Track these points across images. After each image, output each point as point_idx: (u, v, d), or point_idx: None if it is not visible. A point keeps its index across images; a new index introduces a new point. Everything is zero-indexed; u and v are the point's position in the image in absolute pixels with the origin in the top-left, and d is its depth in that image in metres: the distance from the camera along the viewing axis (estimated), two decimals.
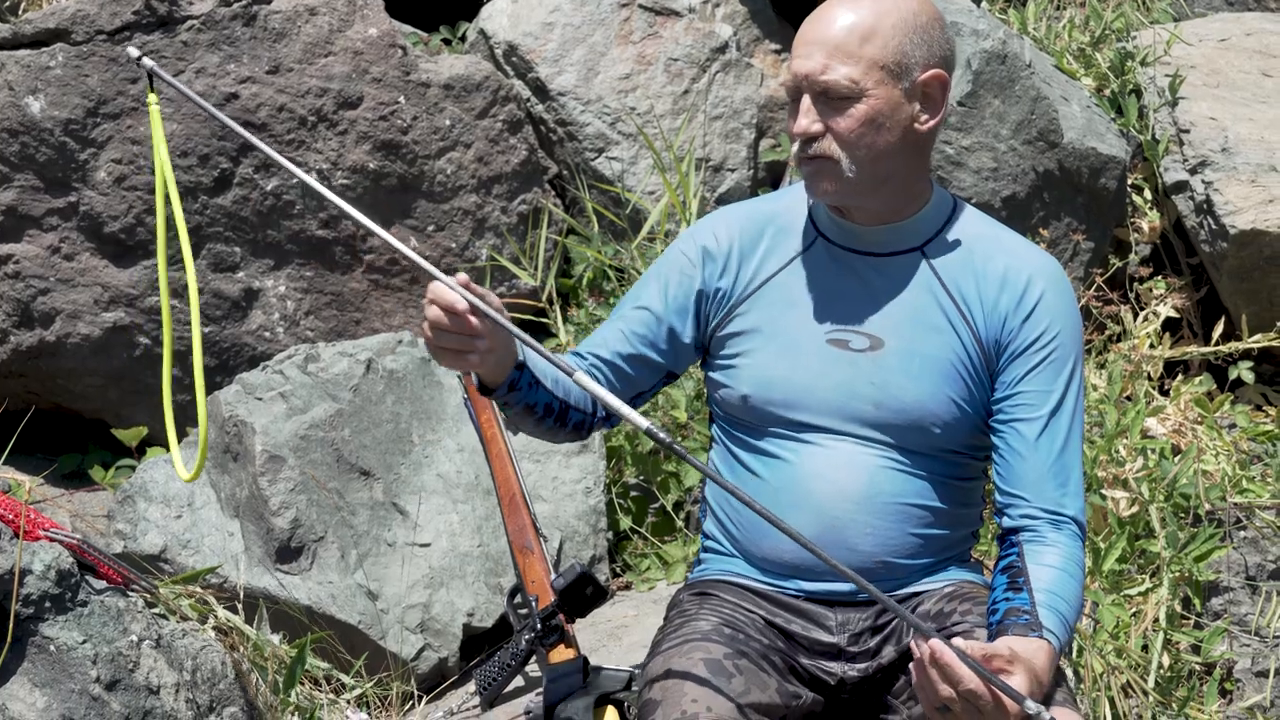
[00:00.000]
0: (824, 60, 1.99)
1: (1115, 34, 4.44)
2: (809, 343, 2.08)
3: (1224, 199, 3.88)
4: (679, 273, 2.14)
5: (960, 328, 2.06)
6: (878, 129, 2.01)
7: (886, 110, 2.01)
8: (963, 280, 2.07)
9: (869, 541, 2.08)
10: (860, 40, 1.99)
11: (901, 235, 2.09)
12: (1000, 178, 3.91)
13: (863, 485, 2.07)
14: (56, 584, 2.27)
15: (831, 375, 2.08)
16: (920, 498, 2.09)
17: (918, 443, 2.08)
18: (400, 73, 3.79)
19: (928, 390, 2.06)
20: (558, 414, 2.09)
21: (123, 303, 3.56)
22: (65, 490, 3.50)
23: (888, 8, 2.01)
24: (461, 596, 2.99)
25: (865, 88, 1.99)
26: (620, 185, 4.10)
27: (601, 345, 2.15)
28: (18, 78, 3.48)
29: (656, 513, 3.37)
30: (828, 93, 2.00)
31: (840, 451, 2.08)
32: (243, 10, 3.64)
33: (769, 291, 2.12)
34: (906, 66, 2.01)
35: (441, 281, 1.86)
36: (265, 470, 2.92)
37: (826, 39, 2.00)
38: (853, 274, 2.09)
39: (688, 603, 2.18)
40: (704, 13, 4.32)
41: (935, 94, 2.04)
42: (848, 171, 2.02)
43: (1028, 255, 2.09)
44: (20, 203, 3.50)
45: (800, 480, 2.09)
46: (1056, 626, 1.95)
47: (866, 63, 1.99)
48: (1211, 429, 3.43)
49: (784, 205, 2.16)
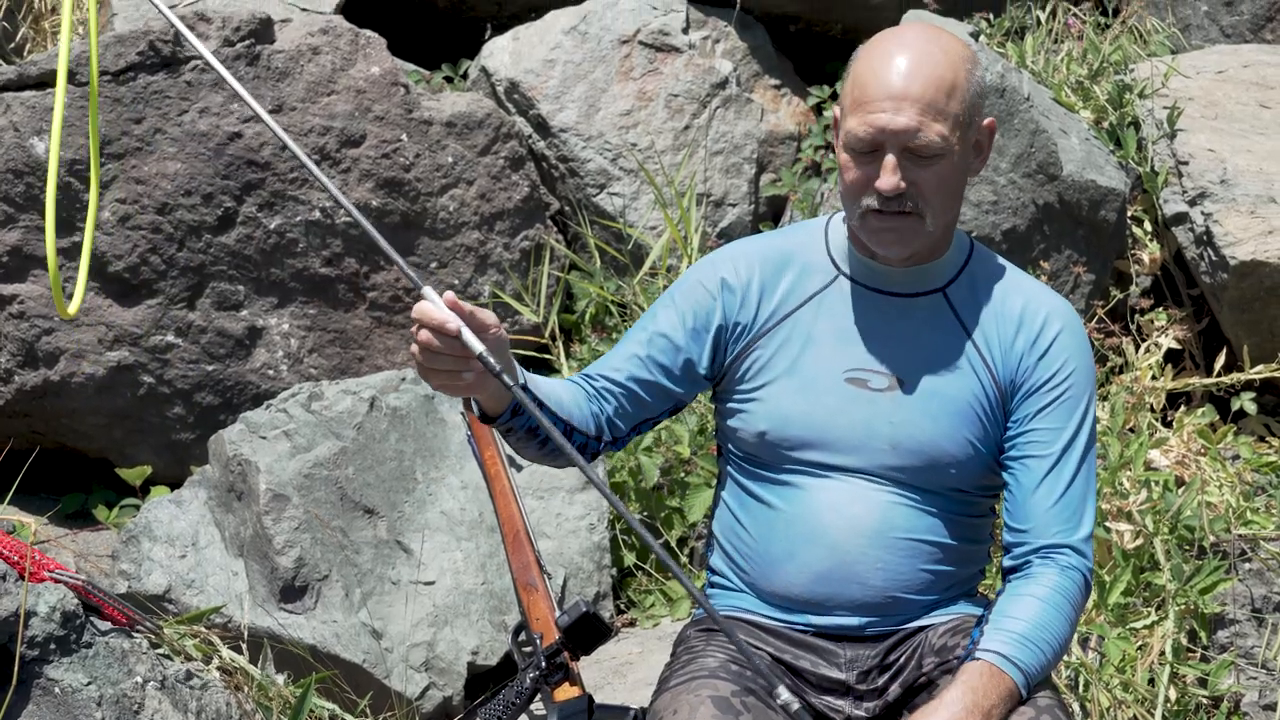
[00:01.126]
0: (917, 118, 1.95)
1: (1113, 67, 4.46)
2: (827, 380, 2.08)
3: (1224, 230, 3.89)
4: (697, 302, 2.12)
5: (979, 369, 2.07)
6: (956, 181, 2.02)
7: (962, 165, 2.01)
8: (981, 321, 2.08)
9: (880, 576, 2.08)
10: (947, 96, 1.96)
11: (926, 276, 2.10)
12: (1000, 211, 3.93)
13: (875, 521, 2.07)
14: (61, 626, 2.27)
15: (850, 414, 2.07)
16: (932, 534, 2.10)
17: (932, 481, 2.08)
18: (402, 111, 3.81)
19: (945, 431, 2.06)
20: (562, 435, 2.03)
21: (126, 342, 3.57)
22: (69, 530, 3.50)
23: (957, 57, 1.99)
24: (466, 634, 2.99)
25: (953, 144, 1.97)
26: (622, 221, 4.11)
27: (616, 369, 2.11)
28: (23, 118, 3.50)
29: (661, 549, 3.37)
30: (917, 150, 1.96)
31: (854, 487, 2.09)
32: (246, 50, 3.66)
33: (788, 327, 2.11)
34: (974, 118, 2.02)
35: (429, 300, 1.77)
36: (269, 509, 2.92)
37: (915, 95, 1.95)
38: (874, 313, 2.09)
39: (695, 639, 2.18)
40: (704, 49, 4.35)
41: (985, 142, 2.06)
42: (929, 227, 2.01)
43: (1043, 296, 2.11)
44: (25, 243, 3.52)
45: (813, 514, 2.09)
46: (1003, 645, 1.95)
47: (953, 119, 1.97)
48: (1215, 460, 3.43)
49: (801, 241, 2.15)
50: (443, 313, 1.77)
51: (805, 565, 2.09)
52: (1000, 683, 1.93)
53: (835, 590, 2.09)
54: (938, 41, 2.01)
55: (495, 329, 1.84)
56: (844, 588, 2.08)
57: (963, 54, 2.01)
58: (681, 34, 4.33)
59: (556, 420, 2.03)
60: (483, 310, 1.84)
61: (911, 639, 2.12)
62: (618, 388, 2.11)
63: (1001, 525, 2.11)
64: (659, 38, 4.31)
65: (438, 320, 1.77)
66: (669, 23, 4.33)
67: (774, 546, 2.12)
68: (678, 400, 2.15)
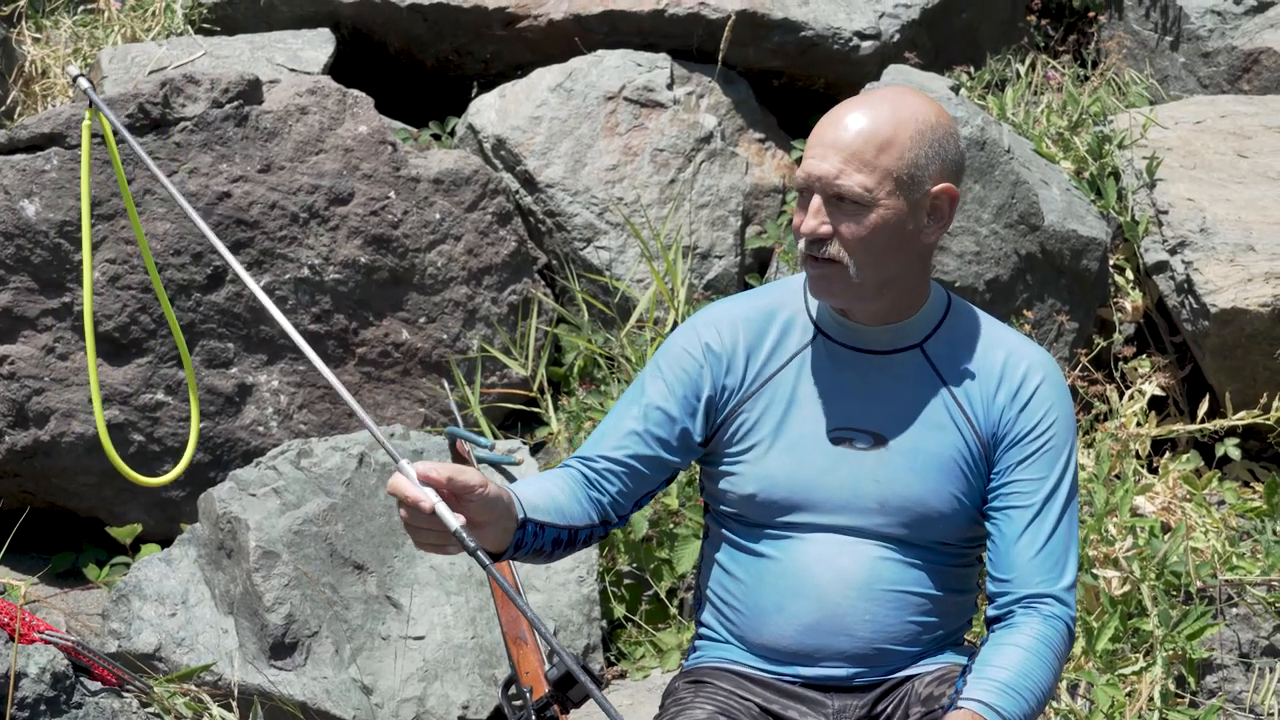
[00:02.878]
0: (839, 165, 1.99)
1: (1092, 118, 4.52)
2: (812, 441, 2.09)
3: (1204, 278, 3.93)
4: (684, 370, 2.12)
5: (960, 423, 2.09)
6: (885, 238, 2.02)
7: (894, 220, 2.02)
8: (962, 375, 2.10)
9: (868, 628, 2.10)
10: (877, 150, 1.99)
11: (901, 334, 2.12)
12: (983, 261, 3.97)
13: (864, 573, 2.09)
14: (51, 686, 2.28)
15: (836, 473, 2.09)
16: (919, 586, 2.11)
17: (918, 536, 2.10)
18: (390, 168, 3.85)
19: (931, 487, 2.08)
20: (567, 542, 2.05)
21: (116, 401, 3.58)
22: (60, 589, 3.50)
23: (906, 117, 2.01)
24: (456, 688, 2.99)
25: (878, 197, 2.00)
26: (609, 274, 4.15)
27: (616, 447, 2.10)
28: (13, 181, 3.53)
29: (650, 600, 3.37)
30: (840, 197, 2.00)
31: (842, 541, 2.10)
32: (234, 111, 3.70)
33: (771, 389, 2.12)
34: (919, 179, 2.02)
35: (402, 474, 1.75)
36: (259, 566, 2.93)
37: (843, 144, 2.00)
38: (853, 371, 2.11)
39: (683, 690, 2.18)
40: (688, 104, 4.40)
41: (944, 206, 2.06)
42: (854, 277, 2.03)
43: (1023, 348, 2.13)
44: (15, 304, 3.54)
45: (801, 567, 2.10)
46: (985, 694, 1.96)
47: (881, 172, 2.00)
48: (1200, 506, 3.45)
49: (779, 300, 2.17)
50: (416, 490, 1.74)
51: (794, 617, 2.11)
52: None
53: (824, 642, 2.11)
54: (894, 100, 2.04)
55: (480, 488, 1.81)
56: (832, 639, 2.10)
57: (919, 116, 2.02)
58: (666, 90, 4.38)
59: (561, 530, 2.02)
60: (465, 472, 1.81)
61: (898, 689, 2.13)
62: (620, 467, 2.10)
63: (985, 575, 2.13)
64: (644, 94, 4.36)
65: (412, 497, 1.75)
66: (653, 79, 4.38)
67: (763, 599, 2.13)
68: (675, 470, 2.16)
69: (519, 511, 1.93)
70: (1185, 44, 5.05)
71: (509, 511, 1.90)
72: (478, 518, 1.82)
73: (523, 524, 1.94)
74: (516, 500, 1.95)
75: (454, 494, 1.79)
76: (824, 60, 4.56)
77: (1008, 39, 5.00)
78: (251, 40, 4.51)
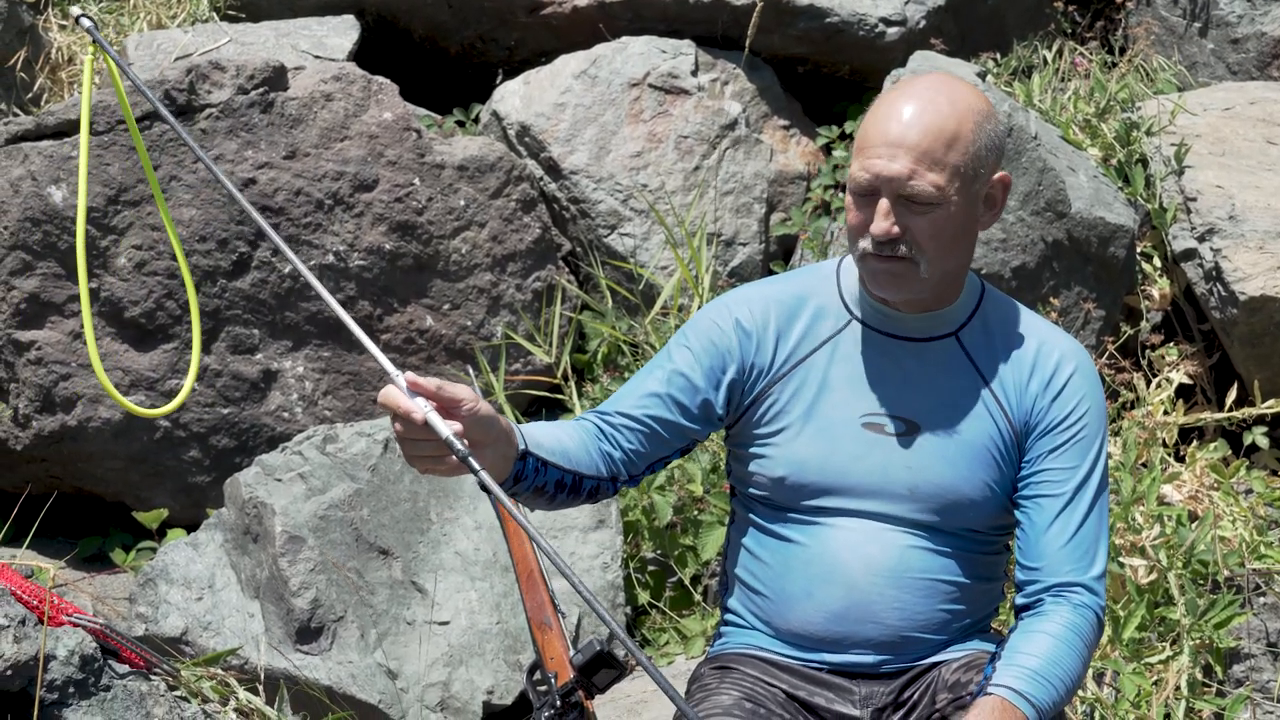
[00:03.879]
0: (910, 165, 1.96)
1: (1120, 105, 4.49)
2: (844, 426, 2.08)
3: (1233, 266, 3.90)
4: (712, 343, 2.10)
5: (994, 411, 2.08)
6: (953, 232, 2.01)
7: (962, 215, 2.01)
8: (995, 363, 2.09)
9: (895, 615, 2.09)
10: (946, 146, 1.97)
11: (938, 322, 2.11)
12: (1010, 248, 3.95)
13: (892, 561, 2.08)
14: (80, 669, 2.29)
15: (867, 459, 2.08)
16: (947, 573, 2.11)
17: (948, 523, 2.10)
18: (415, 155, 3.85)
19: (963, 474, 2.07)
20: (570, 487, 2.03)
21: (143, 386, 3.60)
22: (87, 574, 3.52)
23: (964, 108, 1.99)
24: (481, 674, 2.99)
25: (949, 195, 1.98)
26: (633, 261, 4.14)
27: (634, 406, 2.08)
28: (40, 168, 3.55)
29: (674, 587, 3.37)
30: (911, 198, 1.97)
31: (871, 527, 2.10)
32: (260, 98, 3.71)
33: (803, 372, 2.10)
34: (982, 172, 2.01)
35: (394, 384, 1.72)
36: (285, 551, 2.94)
37: (912, 143, 1.96)
38: (888, 358, 2.10)
39: (708, 676, 2.18)
40: (713, 91, 4.39)
41: (998, 195, 2.05)
42: (923, 274, 2.01)
43: (1056, 338, 2.12)
44: (43, 290, 3.56)
45: (830, 553, 2.09)
46: (1015, 681, 1.95)
47: (951, 170, 1.97)
48: (1228, 495, 3.43)
49: (813, 285, 2.15)
50: (408, 401, 1.72)
51: (822, 604, 2.10)
52: (1012, 718, 1.93)
53: (852, 629, 2.10)
54: (948, 91, 2.01)
55: (469, 404, 1.78)
56: (860, 627, 2.09)
57: (974, 106, 2.00)
58: (690, 76, 4.37)
59: (564, 474, 2.00)
60: (453, 385, 1.79)
61: (925, 675, 2.13)
62: (636, 425, 2.08)
63: (1014, 563, 2.12)
64: (668, 80, 4.35)
65: (404, 409, 1.72)
66: (678, 65, 4.37)
67: (791, 585, 2.12)
68: (693, 439, 2.14)
69: (519, 442, 1.91)
70: (1214, 30, 5.01)
71: (507, 438, 1.87)
72: (472, 435, 1.78)
73: (523, 455, 1.91)
74: (518, 431, 1.92)
75: (444, 407, 1.75)
76: (849, 47, 4.54)
77: (1034, 25, 4.97)
78: (276, 27, 4.52)
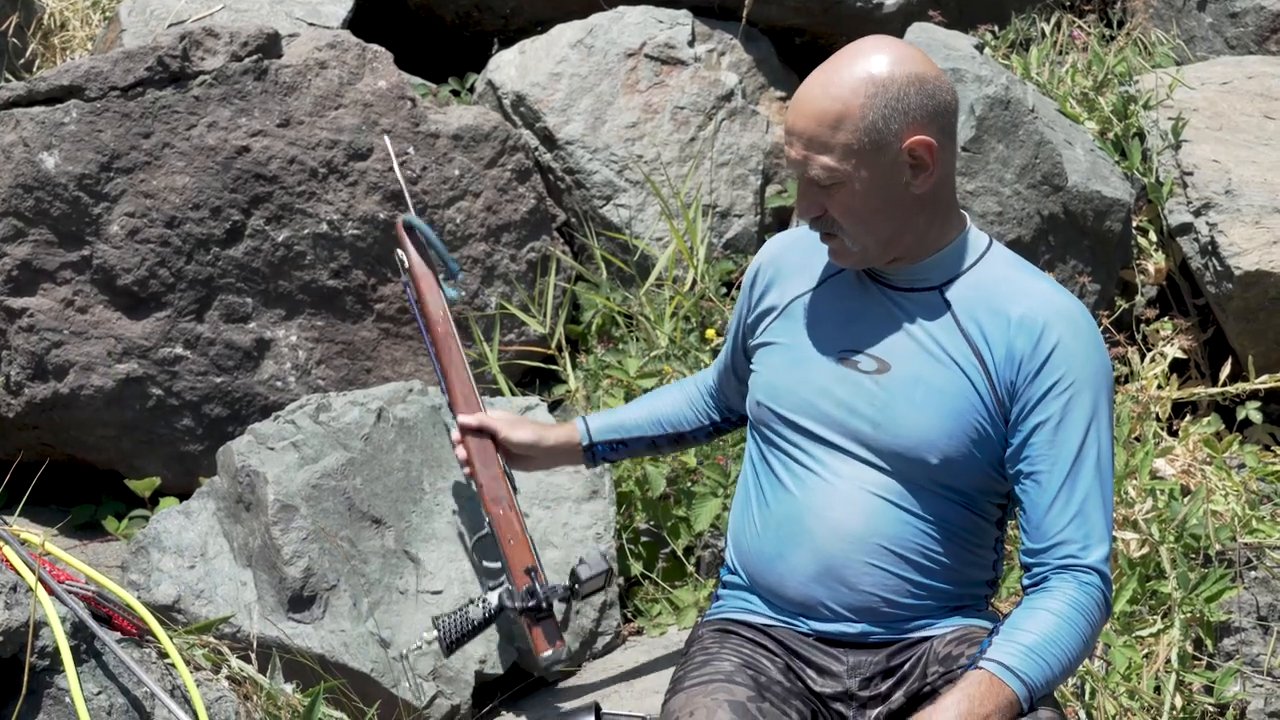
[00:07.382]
0: (803, 151, 2.03)
1: (1118, 78, 4.48)
2: (821, 358, 2.15)
3: (1228, 240, 3.90)
4: (740, 301, 2.34)
5: (971, 367, 2.07)
6: (870, 205, 2.04)
7: (872, 188, 2.03)
8: (980, 322, 2.08)
9: (867, 580, 2.10)
10: (831, 128, 2.00)
11: (918, 274, 2.12)
12: (1005, 221, 3.94)
13: (859, 525, 2.09)
14: (71, 636, 2.29)
15: (835, 391, 2.13)
16: (921, 538, 2.10)
17: (918, 475, 2.08)
18: (409, 124, 3.83)
19: (927, 420, 2.07)
20: (673, 438, 2.56)
21: (135, 354, 3.59)
22: (79, 541, 3.52)
23: (856, 85, 1.99)
24: (473, 644, 3.00)
25: (845, 172, 2.01)
26: (628, 232, 4.13)
27: (719, 365, 2.47)
28: (32, 134, 3.53)
29: (667, 558, 3.38)
30: (814, 181, 2.04)
31: (841, 484, 2.10)
32: (254, 65, 3.69)
33: (796, 309, 2.21)
34: (883, 142, 2.00)
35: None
36: (278, 520, 2.93)
37: (800, 130, 2.03)
38: (873, 300, 2.14)
39: (708, 638, 2.20)
40: (709, 62, 4.37)
41: (923, 156, 2.03)
42: (852, 247, 2.09)
43: (1047, 300, 2.07)
44: (35, 257, 3.54)
45: (796, 516, 2.12)
46: (1007, 656, 1.95)
47: (841, 150, 2.00)
48: (1220, 469, 3.43)
49: None
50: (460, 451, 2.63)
51: (794, 567, 2.13)
52: (999, 692, 1.93)
53: (826, 594, 2.11)
54: (849, 67, 2.01)
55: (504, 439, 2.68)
56: (834, 591, 2.11)
57: (875, 76, 1.98)
58: (687, 47, 4.35)
59: (656, 437, 2.56)
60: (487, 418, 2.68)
61: (916, 647, 2.13)
62: (719, 389, 2.50)
63: (1015, 540, 2.12)
64: (665, 51, 4.33)
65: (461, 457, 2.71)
66: (675, 36, 4.35)
67: (766, 545, 2.17)
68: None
69: (581, 439, 2.55)
70: (1212, 4, 4.99)
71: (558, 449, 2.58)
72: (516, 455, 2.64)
73: (589, 448, 2.55)
74: (581, 427, 2.56)
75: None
76: (847, 18, 4.52)
77: None
78: None
